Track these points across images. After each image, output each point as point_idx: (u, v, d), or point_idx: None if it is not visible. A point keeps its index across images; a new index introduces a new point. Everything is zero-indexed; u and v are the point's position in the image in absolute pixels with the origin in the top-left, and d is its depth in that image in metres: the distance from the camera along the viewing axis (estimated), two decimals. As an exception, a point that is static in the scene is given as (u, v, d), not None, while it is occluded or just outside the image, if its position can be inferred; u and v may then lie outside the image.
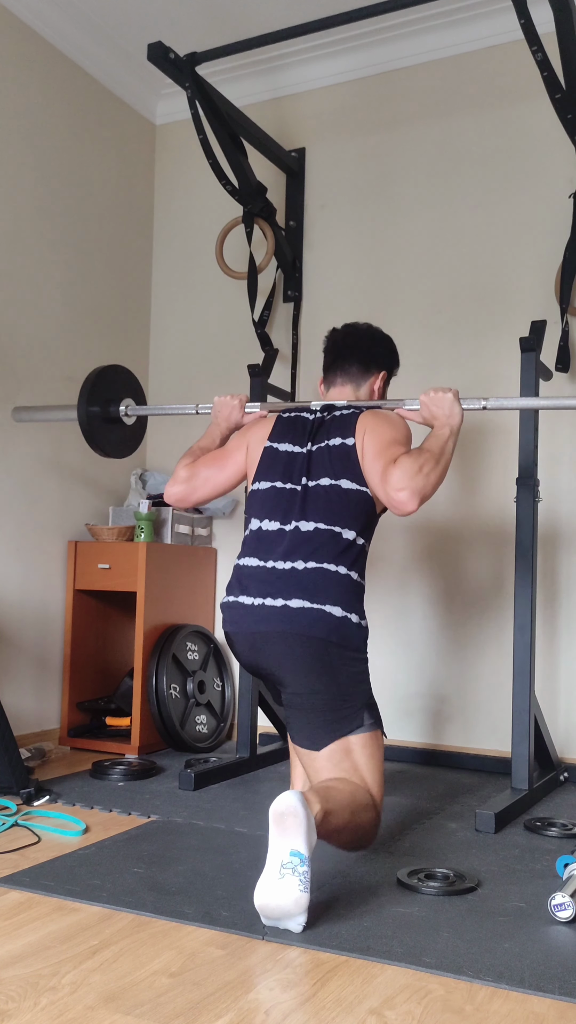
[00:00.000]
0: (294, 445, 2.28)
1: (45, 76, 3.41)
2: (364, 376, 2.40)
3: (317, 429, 2.28)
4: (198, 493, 2.41)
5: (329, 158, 3.68)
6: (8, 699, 3.07)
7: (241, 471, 2.39)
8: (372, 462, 2.16)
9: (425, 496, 2.07)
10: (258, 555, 2.17)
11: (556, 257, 3.16)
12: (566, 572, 3.18)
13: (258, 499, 2.26)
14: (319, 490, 2.18)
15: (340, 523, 2.14)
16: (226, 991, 1.44)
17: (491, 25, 3.35)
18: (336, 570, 2.10)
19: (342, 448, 2.21)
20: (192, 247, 3.93)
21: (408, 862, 2.08)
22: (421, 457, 2.10)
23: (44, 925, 1.69)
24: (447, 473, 2.15)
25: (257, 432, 2.38)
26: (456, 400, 2.25)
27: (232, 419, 2.53)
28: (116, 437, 2.79)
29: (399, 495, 2.05)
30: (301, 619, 2.04)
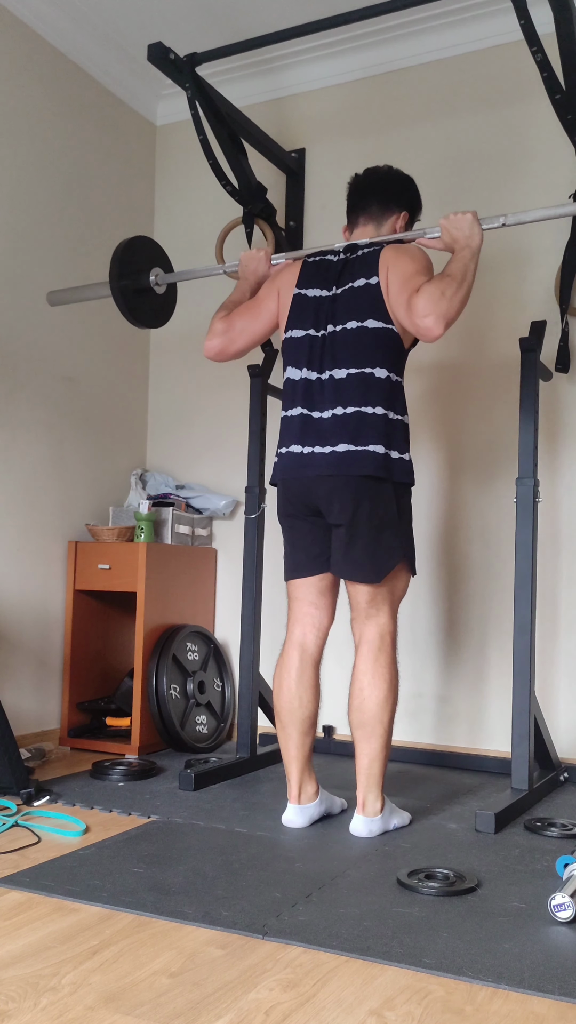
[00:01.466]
0: (321, 289, 2.38)
1: (45, 76, 3.41)
2: (385, 215, 2.48)
3: (342, 270, 2.38)
4: (236, 344, 2.51)
5: (329, 158, 3.68)
6: (8, 699, 3.07)
7: (275, 318, 2.49)
8: (396, 295, 2.26)
9: (450, 319, 2.17)
10: (302, 404, 2.34)
11: (556, 257, 3.16)
12: (566, 572, 3.18)
13: (292, 347, 2.39)
14: (347, 335, 2.30)
15: (371, 363, 2.27)
16: (226, 991, 1.44)
17: (491, 26, 3.35)
18: (374, 411, 2.26)
19: (366, 288, 2.31)
20: (192, 247, 3.93)
21: (408, 862, 2.08)
22: (443, 282, 2.18)
23: (44, 925, 1.69)
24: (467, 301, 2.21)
25: (286, 278, 2.47)
26: (475, 221, 2.31)
27: (259, 271, 2.62)
28: (149, 307, 2.88)
29: (425, 321, 2.16)
30: (348, 461, 2.24)
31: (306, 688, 2.40)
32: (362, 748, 2.33)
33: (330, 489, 2.28)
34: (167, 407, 3.94)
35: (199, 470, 3.86)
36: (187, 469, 3.88)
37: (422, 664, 3.37)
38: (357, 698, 2.32)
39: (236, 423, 3.71)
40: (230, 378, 3.73)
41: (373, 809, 2.31)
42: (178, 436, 3.91)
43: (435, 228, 2.38)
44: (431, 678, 3.36)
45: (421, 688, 3.37)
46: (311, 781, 2.41)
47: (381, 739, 2.32)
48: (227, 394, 3.77)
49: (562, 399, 3.20)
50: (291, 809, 2.39)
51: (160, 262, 2.92)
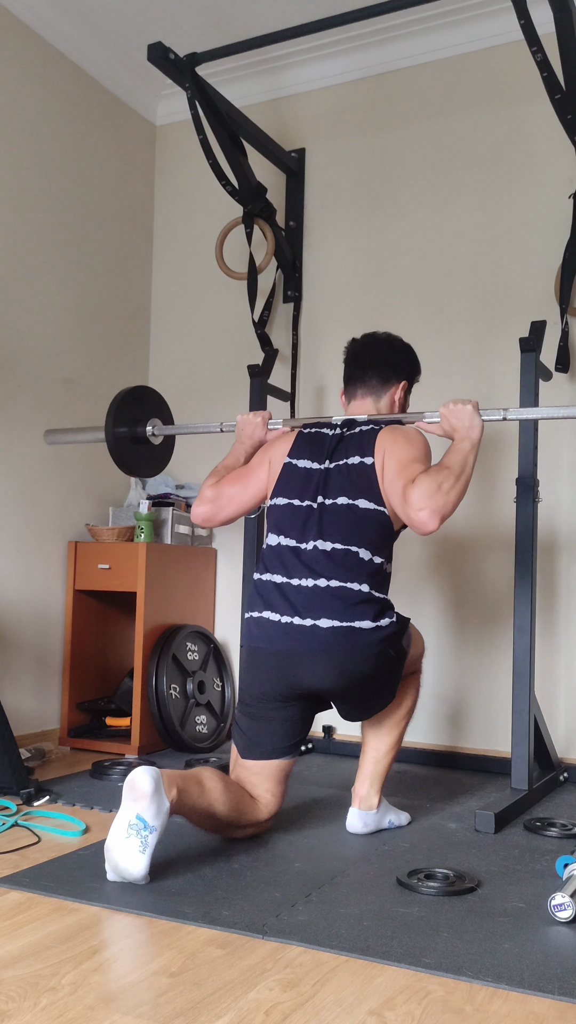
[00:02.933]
0: (312, 462, 2.31)
1: (45, 76, 3.41)
2: (384, 387, 2.42)
3: (336, 446, 2.30)
4: (224, 512, 2.44)
5: (329, 158, 3.68)
6: (8, 699, 3.07)
7: (264, 488, 2.41)
8: (392, 482, 2.17)
9: (445, 515, 2.07)
10: (280, 572, 2.21)
11: (556, 257, 3.16)
12: (566, 574, 3.18)
13: (275, 515, 2.30)
14: (336, 508, 2.21)
15: (357, 543, 2.18)
16: (226, 991, 1.44)
17: (491, 25, 3.35)
18: (359, 588, 2.14)
19: (361, 467, 2.23)
20: (192, 247, 3.93)
21: (408, 862, 2.08)
22: (440, 474, 2.10)
23: (44, 925, 1.69)
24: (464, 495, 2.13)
25: (278, 448, 2.41)
26: (476, 412, 2.23)
27: (256, 436, 2.57)
28: (144, 456, 2.82)
29: (420, 515, 2.06)
30: (333, 638, 2.11)
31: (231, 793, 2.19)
32: (371, 743, 2.33)
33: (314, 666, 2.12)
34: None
35: (199, 470, 3.86)
36: (187, 469, 3.88)
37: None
38: None
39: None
40: (230, 378, 3.73)
41: (369, 804, 2.31)
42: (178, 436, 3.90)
43: (435, 413, 2.30)
44: (431, 678, 3.36)
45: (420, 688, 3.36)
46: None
47: (393, 739, 2.33)
48: (227, 394, 3.77)
49: (562, 399, 3.20)
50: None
51: (158, 412, 2.84)
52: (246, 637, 2.25)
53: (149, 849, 1.84)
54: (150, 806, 1.85)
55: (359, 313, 3.53)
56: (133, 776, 1.88)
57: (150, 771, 1.89)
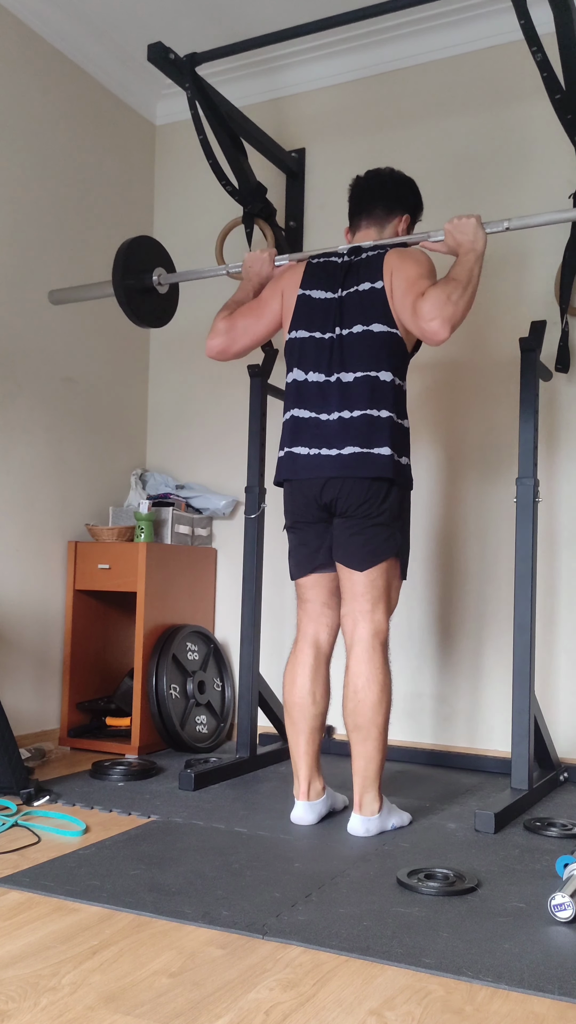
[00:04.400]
0: (326, 291, 2.39)
1: (45, 76, 3.41)
2: (388, 218, 2.49)
3: (346, 273, 2.38)
4: (238, 343, 2.52)
5: (329, 158, 3.68)
6: (8, 699, 3.07)
7: (278, 319, 2.49)
8: (401, 299, 2.27)
9: (455, 323, 2.19)
10: (307, 406, 2.35)
11: (556, 257, 3.16)
12: (566, 572, 3.18)
13: (297, 348, 2.39)
14: (353, 338, 2.31)
15: (377, 367, 2.30)
16: (226, 991, 1.44)
17: (491, 25, 3.35)
18: (380, 414, 2.28)
19: (371, 292, 2.32)
20: (192, 247, 3.93)
21: (408, 862, 2.08)
22: (448, 286, 2.20)
23: (44, 925, 1.69)
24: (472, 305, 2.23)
25: (290, 279, 2.47)
26: (479, 225, 2.33)
27: (263, 272, 2.63)
28: (152, 307, 2.89)
29: (431, 325, 2.18)
30: (356, 463, 2.27)
31: (319, 685, 2.43)
32: (358, 750, 2.33)
33: (338, 490, 2.30)
34: (167, 407, 3.94)
35: (199, 470, 3.86)
36: (187, 469, 3.88)
37: (421, 664, 3.37)
38: (352, 700, 2.32)
39: (236, 423, 3.71)
40: (230, 378, 3.73)
41: (371, 809, 2.32)
42: (178, 436, 3.91)
43: (439, 232, 2.39)
44: (430, 678, 3.36)
45: (420, 688, 3.37)
46: (319, 777, 2.43)
47: (377, 740, 2.32)
48: (227, 394, 3.78)
49: (562, 399, 3.20)
50: (300, 806, 2.40)
51: (163, 262, 2.94)
52: (281, 471, 2.40)
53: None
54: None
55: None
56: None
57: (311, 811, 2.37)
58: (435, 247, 2.40)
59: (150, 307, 2.89)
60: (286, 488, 2.42)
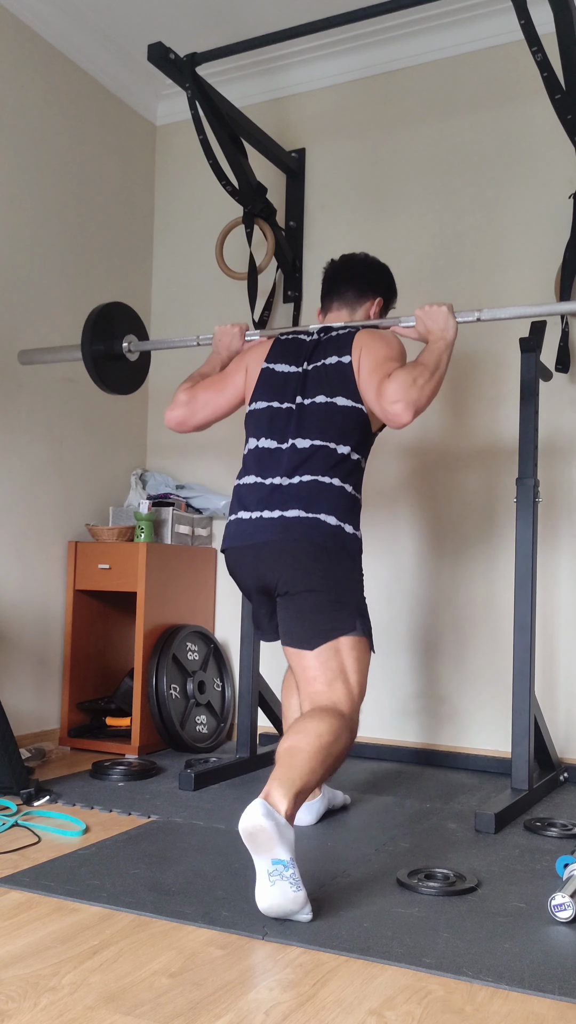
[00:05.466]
0: (291, 365, 2.32)
1: (45, 76, 3.41)
2: (360, 301, 2.44)
3: (314, 349, 2.32)
4: (198, 416, 2.45)
5: (329, 158, 3.68)
6: (8, 699, 3.07)
7: (240, 393, 2.42)
8: (368, 378, 2.20)
9: (419, 408, 2.11)
10: (257, 473, 2.23)
11: (556, 257, 3.16)
12: (566, 572, 3.18)
13: (254, 418, 2.31)
14: (314, 407, 2.23)
15: (335, 439, 2.19)
16: (226, 991, 1.44)
17: (491, 25, 3.35)
18: (330, 482, 2.16)
19: (338, 366, 2.25)
20: (192, 248, 3.93)
21: (408, 862, 2.08)
22: (415, 370, 2.14)
23: (44, 925, 1.69)
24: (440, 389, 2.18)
25: (255, 354, 2.42)
26: (451, 313, 2.28)
27: (233, 347, 2.58)
28: (121, 373, 2.84)
29: (394, 407, 2.10)
30: (296, 527, 2.11)
31: None
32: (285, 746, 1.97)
33: (274, 556, 2.13)
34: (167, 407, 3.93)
35: (199, 470, 3.86)
36: (187, 469, 3.88)
37: (421, 663, 3.37)
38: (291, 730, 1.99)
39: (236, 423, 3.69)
40: (230, 378, 3.73)
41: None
42: (178, 436, 3.90)
43: (410, 317, 2.34)
44: (430, 678, 3.36)
45: (420, 688, 3.37)
46: None
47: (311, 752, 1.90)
48: (227, 394, 3.77)
49: (562, 399, 3.20)
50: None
51: (135, 329, 2.86)
52: (224, 541, 2.26)
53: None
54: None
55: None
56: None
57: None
58: (405, 333, 2.35)
59: (119, 374, 2.83)
60: (226, 558, 2.27)
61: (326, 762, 1.91)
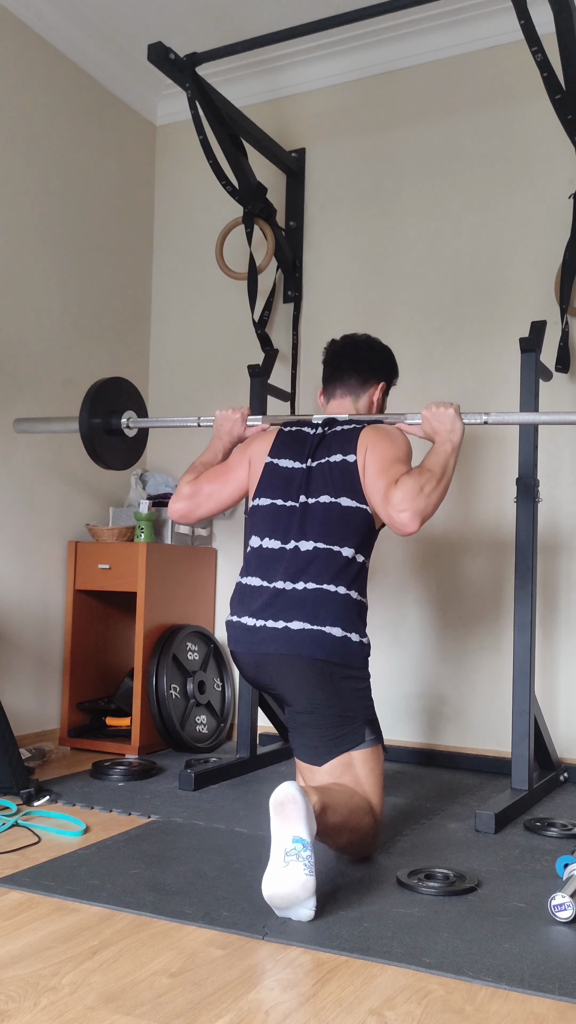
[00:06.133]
0: (294, 461, 2.29)
1: (45, 76, 3.41)
2: (363, 387, 2.42)
3: (318, 444, 2.29)
4: (201, 509, 2.44)
5: (329, 158, 3.68)
6: (8, 699, 3.07)
7: (243, 486, 2.40)
8: (374, 481, 2.17)
9: (426, 516, 2.09)
10: (259, 574, 2.20)
11: (556, 257, 3.16)
12: (565, 573, 3.18)
13: (259, 516, 2.28)
14: (318, 507, 2.20)
15: (339, 541, 2.16)
16: (226, 991, 1.44)
17: (491, 26, 3.35)
18: (336, 590, 2.12)
19: (343, 465, 2.22)
20: (192, 248, 3.93)
21: (408, 862, 2.08)
22: (423, 477, 2.11)
23: (44, 925, 1.69)
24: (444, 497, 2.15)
25: (259, 446, 2.39)
26: (457, 415, 2.26)
27: (234, 433, 2.55)
28: (117, 448, 2.80)
29: (401, 516, 2.07)
30: (302, 641, 2.08)
31: None
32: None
33: (279, 669, 2.12)
34: (167, 407, 3.94)
35: (199, 470, 3.86)
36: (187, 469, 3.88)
37: (422, 663, 3.37)
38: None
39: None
40: (230, 378, 3.73)
41: None
42: (178, 436, 3.90)
43: (416, 414, 2.31)
44: (431, 678, 3.36)
45: (421, 688, 3.37)
46: None
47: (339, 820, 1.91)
48: (227, 394, 3.77)
49: (562, 399, 3.20)
50: None
51: (133, 404, 2.83)
52: (229, 642, 2.24)
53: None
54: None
55: (359, 313, 3.53)
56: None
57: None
58: (411, 430, 2.32)
59: (115, 448, 2.79)
60: (234, 658, 2.25)
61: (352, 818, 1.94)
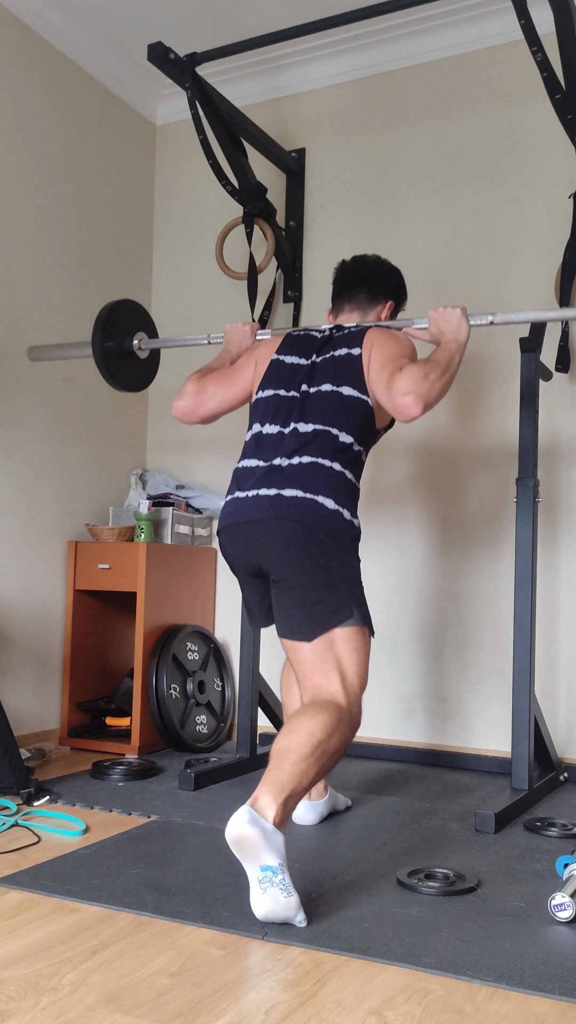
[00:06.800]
0: (300, 357, 2.32)
1: (45, 76, 3.41)
2: (371, 304, 2.44)
3: (324, 344, 2.32)
4: (205, 407, 2.44)
5: (329, 158, 3.68)
6: (8, 699, 3.07)
7: (249, 387, 2.42)
8: (378, 372, 2.19)
9: (429, 403, 2.10)
10: (256, 456, 2.21)
11: (556, 257, 3.16)
12: (566, 572, 3.18)
13: (260, 406, 2.31)
14: (319, 395, 2.22)
15: (338, 426, 2.17)
16: (226, 991, 1.44)
17: (491, 25, 3.35)
18: (331, 465, 2.12)
19: (347, 357, 2.24)
20: (192, 247, 3.93)
21: (408, 862, 2.08)
22: (427, 366, 2.15)
23: (44, 925, 1.69)
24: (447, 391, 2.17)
25: (265, 349, 2.42)
26: (464, 316, 2.29)
27: (243, 345, 2.58)
28: (131, 371, 2.86)
29: (404, 399, 2.09)
30: (292, 505, 2.06)
31: None
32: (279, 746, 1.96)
33: (268, 534, 2.08)
34: (167, 407, 3.94)
35: (199, 470, 3.86)
36: (187, 469, 3.88)
37: (422, 663, 3.37)
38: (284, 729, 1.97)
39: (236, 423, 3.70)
40: (230, 378, 3.73)
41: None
42: (178, 436, 3.90)
43: (423, 319, 2.35)
44: (431, 678, 3.36)
45: (421, 688, 3.37)
46: None
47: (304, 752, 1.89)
48: (227, 394, 3.77)
49: (562, 399, 3.20)
50: (303, 806, 2.39)
51: (145, 326, 2.87)
52: (219, 522, 2.22)
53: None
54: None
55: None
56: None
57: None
58: (418, 334, 2.36)
59: (129, 371, 2.84)
60: (220, 538, 2.23)
61: (320, 761, 1.88)
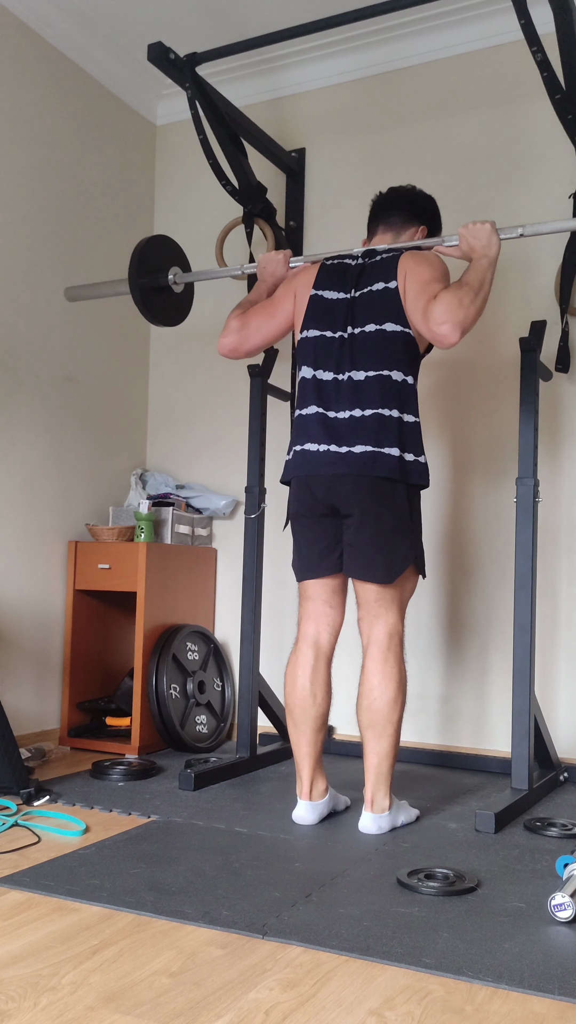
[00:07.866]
0: (339, 292, 2.41)
1: (45, 76, 3.41)
2: (405, 226, 2.53)
3: (360, 274, 2.40)
4: (250, 342, 2.55)
5: (329, 158, 3.68)
6: (8, 699, 3.07)
7: (290, 318, 2.52)
8: (414, 301, 2.29)
9: (466, 328, 2.21)
10: (317, 403, 2.36)
11: (556, 257, 3.16)
12: (566, 572, 3.18)
13: (309, 347, 2.41)
14: (365, 336, 2.33)
15: (389, 366, 2.31)
16: (226, 991, 1.44)
17: (491, 25, 3.35)
18: (391, 414, 2.30)
19: (384, 292, 2.34)
20: (192, 247, 3.91)
21: (408, 862, 2.08)
22: (460, 290, 2.23)
23: (44, 925, 1.69)
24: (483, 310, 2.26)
25: (303, 279, 2.50)
26: (494, 230, 2.36)
27: (277, 274, 2.66)
28: (167, 305, 2.93)
29: (442, 328, 2.20)
30: (366, 462, 2.27)
31: (320, 685, 2.42)
32: (371, 747, 2.34)
33: (345, 488, 2.30)
34: (167, 407, 3.94)
35: (199, 470, 3.86)
36: (187, 469, 3.88)
37: (423, 664, 3.37)
38: (367, 698, 2.33)
39: (236, 423, 3.71)
40: (230, 378, 3.73)
41: (381, 806, 2.34)
42: (178, 436, 3.91)
43: (453, 236, 2.42)
44: (432, 678, 3.36)
45: (422, 688, 3.36)
46: (322, 778, 2.44)
47: (391, 738, 2.34)
48: (227, 394, 3.78)
49: (562, 399, 3.20)
50: (303, 806, 2.40)
51: (179, 261, 2.96)
52: (289, 469, 2.41)
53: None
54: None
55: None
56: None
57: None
58: (449, 252, 2.43)
59: (165, 305, 2.93)
60: (293, 485, 2.42)
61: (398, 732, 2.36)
